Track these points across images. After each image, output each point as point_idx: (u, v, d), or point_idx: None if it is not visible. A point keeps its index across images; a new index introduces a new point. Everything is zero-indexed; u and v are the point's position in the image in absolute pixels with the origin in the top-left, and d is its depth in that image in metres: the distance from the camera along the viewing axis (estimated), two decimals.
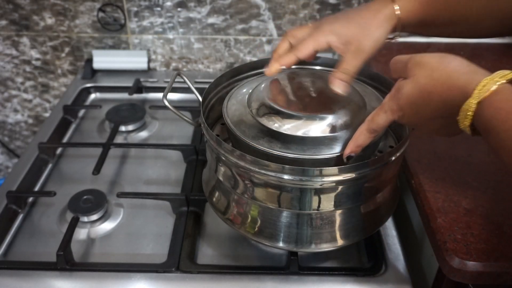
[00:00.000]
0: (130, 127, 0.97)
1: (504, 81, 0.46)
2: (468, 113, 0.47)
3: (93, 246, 0.72)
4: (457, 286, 0.63)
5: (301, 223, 0.61)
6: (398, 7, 0.61)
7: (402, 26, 0.63)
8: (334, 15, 0.65)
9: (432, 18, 0.62)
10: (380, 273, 0.66)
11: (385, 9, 0.62)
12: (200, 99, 0.68)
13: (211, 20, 1.08)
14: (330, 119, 0.61)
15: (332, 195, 0.58)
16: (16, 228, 0.76)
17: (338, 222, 0.61)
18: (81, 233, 0.74)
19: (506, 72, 0.47)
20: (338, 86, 0.62)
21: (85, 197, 0.77)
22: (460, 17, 0.62)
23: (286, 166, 0.55)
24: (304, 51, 0.63)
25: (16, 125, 1.27)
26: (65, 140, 0.96)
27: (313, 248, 0.62)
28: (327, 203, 0.59)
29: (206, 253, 0.71)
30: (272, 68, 0.65)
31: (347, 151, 0.57)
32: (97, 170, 0.80)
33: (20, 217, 0.77)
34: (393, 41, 0.65)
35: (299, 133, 0.60)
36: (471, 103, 0.47)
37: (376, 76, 0.74)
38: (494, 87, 0.46)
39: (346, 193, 0.58)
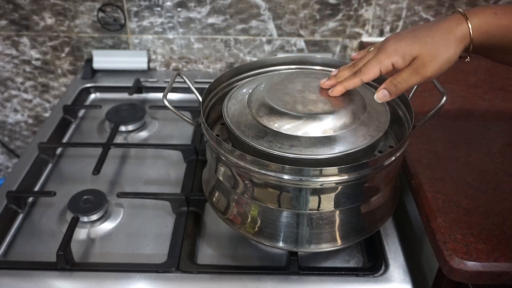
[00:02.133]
0: (130, 127, 0.97)
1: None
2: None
3: (93, 246, 0.72)
4: (457, 286, 0.63)
5: (301, 223, 0.61)
6: (471, 27, 0.56)
7: (474, 48, 0.58)
8: (401, 32, 0.60)
9: (510, 43, 0.56)
10: (380, 273, 0.66)
11: (457, 29, 0.56)
12: (200, 99, 0.68)
13: (211, 20, 1.08)
14: (330, 119, 0.61)
15: (332, 195, 0.58)
16: (16, 228, 0.76)
17: (338, 222, 0.61)
18: (81, 233, 0.74)
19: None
20: (381, 97, 0.60)
21: (85, 197, 0.77)
22: None
23: (286, 166, 0.55)
24: (369, 74, 0.60)
25: (16, 125, 1.27)
26: (65, 140, 0.96)
27: (313, 248, 0.62)
28: (327, 203, 0.59)
29: (206, 253, 0.71)
30: (336, 92, 0.63)
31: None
32: (97, 170, 0.80)
33: (20, 217, 0.77)
34: (465, 61, 0.61)
35: (299, 133, 0.60)
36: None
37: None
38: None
39: (346, 193, 0.58)
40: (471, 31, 0.56)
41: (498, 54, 0.60)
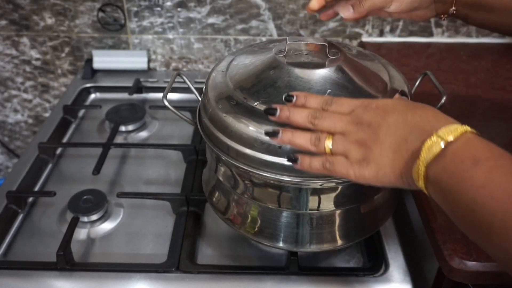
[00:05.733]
0: (130, 127, 0.97)
1: (452, 137, 0.42)
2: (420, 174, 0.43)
3: (93, 246, 0.72)
4: (457, 286, 0.63)
5: (301, 223, 0.61)
6: None
7: (458, 2, 0.57)
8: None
9: None
10: (380, 273, 0.66)
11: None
12: (200, 99, 0.68)
13: (211, 20, 1.08)
14: None
15: (332, 195, 0.58)
16: (16, 228, 0.76)
17: (338, 222, 0.61)
18: (81, 233, 0.74)
19: (454, 127, 0.43)
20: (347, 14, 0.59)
21: (85, 197, 0.77)
22: None
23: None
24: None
25: (16, 125, 1.27)
26: (65, 140, 0.96)
27: (313, 248, 0.62)
28: (327, 203, 0.59)
29: (206, 253, 0.71)
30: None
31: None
32: (97, 170, 0.80)
33: (20, 217, 0.77)
34: (442, 20, 0.61)
35: None
36: (420, 167, 0.42)
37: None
38: (438, 149, 0.42)
39: (346, 193, 0.58)
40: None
41: (481, 13, 0.58)
